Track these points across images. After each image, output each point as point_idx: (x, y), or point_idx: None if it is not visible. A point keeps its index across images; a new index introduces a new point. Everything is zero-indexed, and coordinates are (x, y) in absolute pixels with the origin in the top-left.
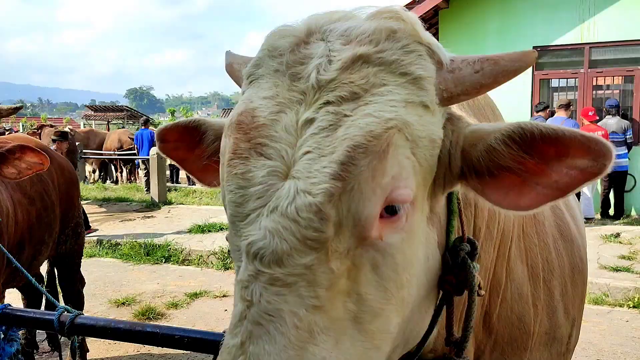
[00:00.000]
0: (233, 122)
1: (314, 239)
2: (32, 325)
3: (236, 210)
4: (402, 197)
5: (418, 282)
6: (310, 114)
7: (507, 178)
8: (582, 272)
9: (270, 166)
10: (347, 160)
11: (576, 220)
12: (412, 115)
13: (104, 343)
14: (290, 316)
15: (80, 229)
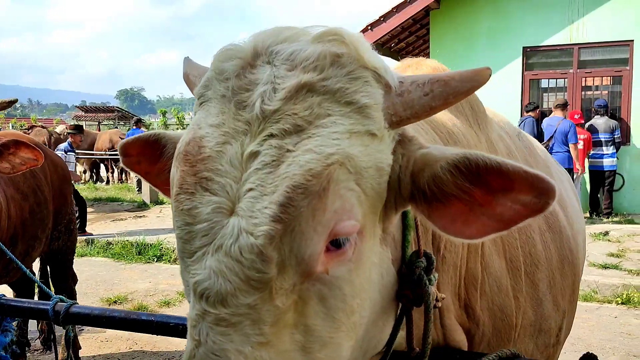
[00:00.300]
0: (181, 152)
1: (257, 279)
2: (27, 315)
3: (184, 247)
4: (346, 229)
5: (372, 303)
6: (254, 146)
7: (454, 206)
8: (572, 263)
9: (216, 202)
10: (286, 201)
11: (567, 210)
12: (356, 146)
13: (96, 340)
14: (236, 355)
15: (72, 226)
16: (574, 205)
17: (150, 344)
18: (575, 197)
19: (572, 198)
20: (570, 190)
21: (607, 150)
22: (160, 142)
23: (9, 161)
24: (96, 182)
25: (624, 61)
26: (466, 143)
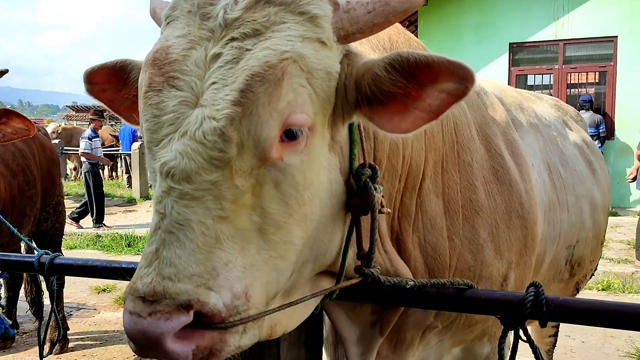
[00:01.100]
0: (149, 59)
1: (218, 158)
2: (14, 267)
3: (151, 137)
4: (299, 121)
5: (322, 203)
6: (217, 49)
7: (392, 105)
8: (522, 217)
9: (181, 97)
10: (245, 87)
11: (522, 167)
12: (307, 49)
13: (85, 324)
14: (198, 225)
15: (61, 208)
16: (532, 166)
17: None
18: (544, 163)
19: (530, 163)
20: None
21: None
22: (126, 68)
23: (1, 130)
24: None
25: (609, 57)
26: None
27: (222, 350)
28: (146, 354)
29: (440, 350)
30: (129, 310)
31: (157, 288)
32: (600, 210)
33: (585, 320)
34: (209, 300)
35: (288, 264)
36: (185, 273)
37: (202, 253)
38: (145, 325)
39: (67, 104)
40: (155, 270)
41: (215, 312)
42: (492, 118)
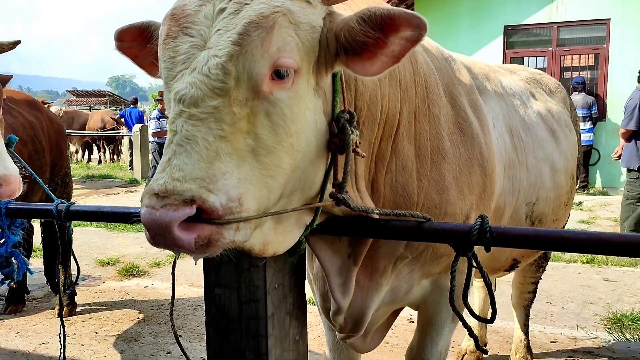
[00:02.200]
0: (168, 14)
1: (220, 87)
2: (34, 215)
3: (168, 74)
4: (286, 63)
5: (307, 138)
6: (222, 4)
7: (364, 54)
8: (482, 165)
9: (192, 41)
10: (243, 31)
11: (484, 122)
12: (295, 6)
13: (91, 292)
14: (202, 141)
15: (68, 179)
16: (495, 126)
17: (142, 294)
18: (508, 123)
19: (491, 125)
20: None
21: (584, 126)
22: (150, 28)
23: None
24: (89, 161)
25: (601, 39)
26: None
27: (218, 241)
28: (158, 241)
29: (410, 280)
30: (145, 205)
31: (168, 187)
32: (562, 173)
33: (521, 244)
34: (209, 198)
35: (277, 185)
36: (190, 176)
37: (204, 162)
38: (158, 215)
39: (68, 89)
40: (167, 174)
41: (214, 209)
42: (458, 80)
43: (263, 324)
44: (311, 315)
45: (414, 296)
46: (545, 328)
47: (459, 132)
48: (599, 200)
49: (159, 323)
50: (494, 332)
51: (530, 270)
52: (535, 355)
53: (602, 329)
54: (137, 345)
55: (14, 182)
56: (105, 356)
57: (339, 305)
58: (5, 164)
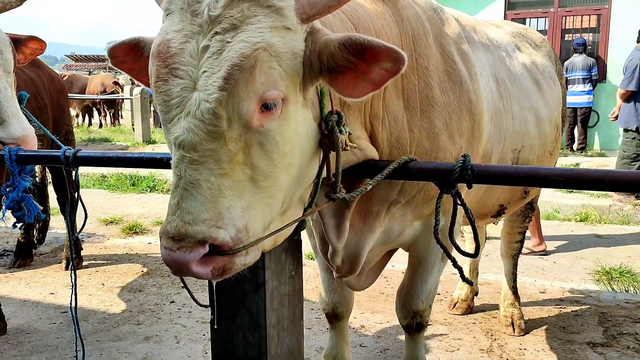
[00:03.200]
0: (155, 51)
1: (214, 131)
2: (44, 161)
3: (165, 117)
4: (272, 96)
5: (302, 150)
6: (205, 42)
7: (347, 75)
8: (470, 111)
9: (182, 84)
10: (227, 75)
11: (471, 71)
12: (275, 37)
13: (96, 248)
14: (205, 183)
15: (71, 137)
16: (482, 70)
17: (145, 250)
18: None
19: (478, 69)
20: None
21: (583, 88)
22: (140, 45)
23: (22, 52)
24: (89, 125)
25: (604, 0)
26: (367, 16)
27: (231, 269)
28: (179, 274)
29: (403, 222)
30: (164, 246)
31: (181, 230)
32: (546, 123)
33: (501, 180)
34: (219, 236)
35: (278, 200)
36: (199, 218)
37: (210, 202)
38: (176, 256)
39: (66, 54)
40: (178, 217)
41: (224, 244)
42: (446, 30)
43: (260, 257)
44: (310, 269)
45: (406, 237)
46: (536, 281)
47: (448, 80)
48: (596, 162)
49: (162, 276)
50: (486, 284)
51: (517, 220)
52: (524, 304)
53: (590, 281)
54: (142, 295)
55: (31, 142)
56: (112, 305)
57: (334, 247)
58: (22, 124)
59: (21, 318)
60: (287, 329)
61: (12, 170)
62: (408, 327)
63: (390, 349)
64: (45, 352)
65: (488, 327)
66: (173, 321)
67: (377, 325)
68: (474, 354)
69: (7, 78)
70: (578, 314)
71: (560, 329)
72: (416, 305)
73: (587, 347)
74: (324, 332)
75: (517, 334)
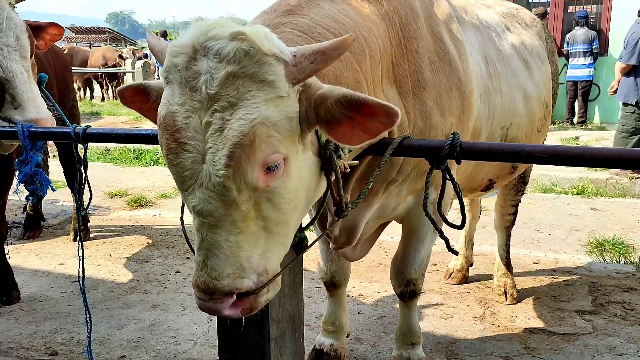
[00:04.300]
0: (162, 123)
1: (226, 199)
2: (54, 137)
3: (181, 186)
4: (273, 159)
5: (307, 188)
6: (207, 118)
7: (344, 125)
8: (460, 89)
9: (192, 157)
10: (230, 154)
11: (460, 50)
12: (270, 108)
13: (103, 220)
14: (225, 242)
15: (76, 112)
16: (473, 50)
17: (150, 222)
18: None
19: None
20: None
21: (584, 61)
22: (146, 89)
23: (42, 38)
24: (91, 99)
25: None
26: (353, 25)
27: (257, 306)
28: (212, 314)
29: (398, 198)
30: (197, 296)
31: (209, 285)
32: (534, 101)
33: (487, 157)
34: (243, 285)
35: (289, 238)
36: (224, 274)
37: (231, 259)
38: (209, 305)
39: (66, 26)
40: (206, 274)
41: (249, 289)
42: (435, 11)
43: None
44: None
45: (400, 211)
46: (530, 252)
47: (438, 60)
48: (595, 135)
49: (168, 247)
50: (482, 255)
51: (510, 193)
52: (517, 274)
53: (583, 252)
54: (148, 266)
55: (46, 124)
56: (120, 275)
57: (333, 219)
58: (38, 108)
59: (33, 287)
60: (288, 295)
61: (25, 145)
62: (402, 294)
63: (387, 316)
64: (58, 319)
65: (482, 296)
66: (179, 290)
67: (375, 294)
68: (467, 321)
69: (24, 63)
70: (569, 284)
71: (551, 297)
72: (409, 274)
73: (576, 315)
74: (323, 301)
75: (509, 302)
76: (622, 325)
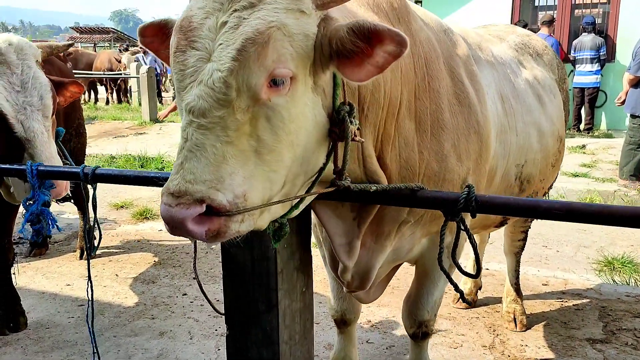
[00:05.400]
0: (177, 26)
1: (223, 99)
2: (63, 177)
3: (179, 85)
4: (281, 73)
5: (307, 132)
6: (224, 18)
7: (354, 60)
8: (478, 132)
9: (198, 55)
10: (241, 47)
11: (479, 92)
12: (290, 18)
13: (108, 235)
14: (210, 147)
15: (82, 130)
16: (489, 94)
17: (156, 237)
18: (499, 91)
19: (487, 93)
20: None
21: (591, 68)
22: (168, 25)
23: (63, 95)
24: (96, 102)
25: None
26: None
27: (226, 233)
28: (175, 232)
29: (412, 240)
30: (164, 202)
31: (181, 188)
32: (549, 136)
33: (503, 211)
34: (217, 197)
35: (279, 176)
36: (200, 179)
37: (212, 166)
38: (173, 212)
39: (69, 25)
40: (180, 176)
41: (221, 206)
42: (456, 52)
43: (274, 279)
44: (317, 259)
45: (414, 254)
46: (539, 271)
47: (458, 102)
48: (602, 143)
49: (174, 266)
50: (490, 275)
51: (520, 220)
52: (526, 297)
53: (593, 271)
54: (155, 287)
55: (60, 185)
56: (127, 297)
57: (345, 265)
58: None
59: (40, 311)
60: (299, 343)
61: (32, 184)
62: (414, 335)
63: (395, 345)
64: (65, 348)
65: (491, 322)
66: (186, 315)
67: (384, 321)
68: (476, 351)
69: (45, 122)
70: (579, 308)
71: (561, 324)
72: (422, 315)
73: (587, 344)
74: (331, 328)
75: (519, 329)
76: (635, 356)
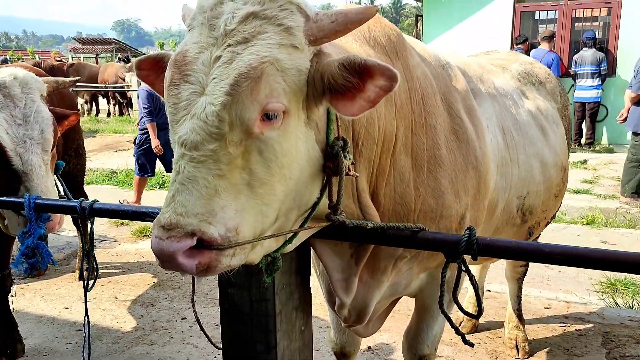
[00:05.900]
0: (172, 60)
1: (216, 133)
2: (60, 211)
3: (172, 118)
4: (274, 107)
5: (300, 166)
6: (218, 52)
7: (346, 96)
8: (476, 168)
9: (192, 88)
10: (234, 82)
11: (478, 128)
12: (282, 53)
13: (108, 255)
14: (202, 180)
15: (81, 151)
16: (488, 128)
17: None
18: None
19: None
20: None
21: (592, 82)
22: (164, 59)
23: (61, 125)
24: (97, 114)
25: None
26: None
27: (217, 266)
28: (165, 265)
29: (410, 275)
30: (155, 235)
31: (172, 220)
32: (552, 167)
33: (504, 255)
34: (208, 230)
35: (272, 210)
36: (192, 212)
37: (204, 199)
38: (164, 245)
39: (72, 35)
40: (171, 209)
41: (212, 240)
42: (454, 87)
43: (272, 321)
44: (315, 279)
45: (412, 288)
46: (541, 292)
47: (455, 138)
48: (604, 158)
49: (174, 287)
50: (492, 298)
51: None
52: (528, 321)
53: (595, 293)
54: (154, 311)
55: (53, 219)
56: (125, 322)
57: (342, 301)
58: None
59: (38, 337)
60: None
61: (29, 217)
62: None
63: None
64: None
65: (493, 348)
66: (185, 341)
67: (384, 347)
68: None
69: (44, 156)
70: (582, 334)
71: (564, 350)
72: (422, 350)
73: None
74: (332, 355)
75: (521, 356)
76: None
